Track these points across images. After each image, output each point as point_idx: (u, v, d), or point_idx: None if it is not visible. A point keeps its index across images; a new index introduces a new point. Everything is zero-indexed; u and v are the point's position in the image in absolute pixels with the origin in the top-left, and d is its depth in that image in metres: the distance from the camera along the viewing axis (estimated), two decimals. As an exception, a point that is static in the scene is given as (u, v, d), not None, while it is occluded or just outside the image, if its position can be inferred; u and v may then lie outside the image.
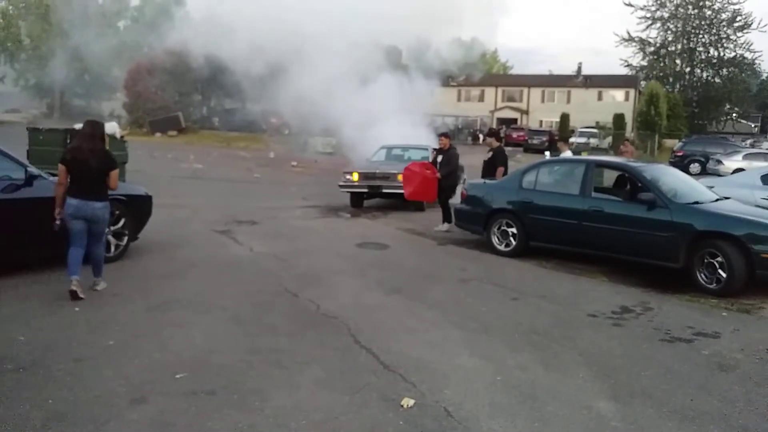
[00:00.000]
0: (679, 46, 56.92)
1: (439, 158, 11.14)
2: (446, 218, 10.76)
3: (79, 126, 7.39)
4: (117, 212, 7.17)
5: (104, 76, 46.18)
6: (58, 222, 5.87)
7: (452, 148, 11.36)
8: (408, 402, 3.85)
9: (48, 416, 3.51)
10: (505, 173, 10.37)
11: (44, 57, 47.42)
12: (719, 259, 6.87)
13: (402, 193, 13.25)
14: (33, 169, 6.62)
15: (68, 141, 12.69)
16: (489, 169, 10.73)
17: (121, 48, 41.31)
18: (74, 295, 5.67)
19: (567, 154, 11.84)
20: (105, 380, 4.04)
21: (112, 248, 7.19)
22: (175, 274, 6.86)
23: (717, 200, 8.01)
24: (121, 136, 16.95)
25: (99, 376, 4.10)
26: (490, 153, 10.94)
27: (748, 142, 40.48)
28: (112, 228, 7.15)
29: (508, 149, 42.13)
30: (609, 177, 9.42)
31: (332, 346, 4.85)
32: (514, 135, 45.07)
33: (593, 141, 40.28)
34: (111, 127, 18.00)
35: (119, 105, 45.29)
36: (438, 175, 10.84)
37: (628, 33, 58.55)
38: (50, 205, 6.50)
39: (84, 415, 3.54)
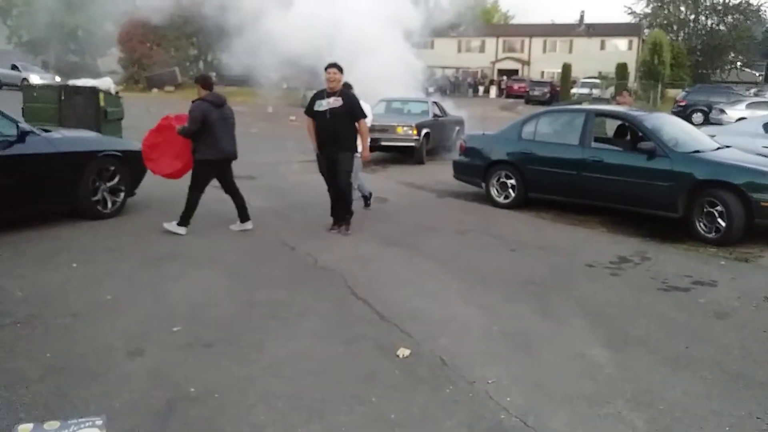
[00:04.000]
0: (684, -8, 55.65)
1: (329, 102, 6.71)
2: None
3: (73, 82, 7.26)
4: (113, 168, 7.12)
5: (97, 32, 45.42)
6: None
7: (348, 88, 7.14)
8: (403, 351, 3.87)
9: (45, 369, 3.53)
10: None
11: (36, 12, 46.53)
12: (718, 208, 6.84)
13: (402, 146, 13.18)
14: (25, 125, 6.53)
15: (62, 98, 12.55)
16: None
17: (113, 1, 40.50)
18: None
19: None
20: (102, 334, 4.06)
21: (109, 204, 7.16)
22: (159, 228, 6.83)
23: (717, 149, 7.93)
24: (116, 92, 16.77)
25: (96, 330, 4.11)
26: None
27: (752, 91, 39.91)
28: (108, 184, 7.11)
29: (509, 101, 41.92)
30: (609, 127, 9.30)
31: (329, 298, 4.86)
32: (516, 86, 44.61)
33: (595, 91, 39.80)
34: (105, 83, 17.80)
35: (114, 61, 44.66)
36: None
37: (633, -21, 57.28)
38: (43, 160, 6.48)
39: (81, 368, 3.57)
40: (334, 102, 6.75)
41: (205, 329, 4.19)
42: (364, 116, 6.97)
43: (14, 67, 34.39)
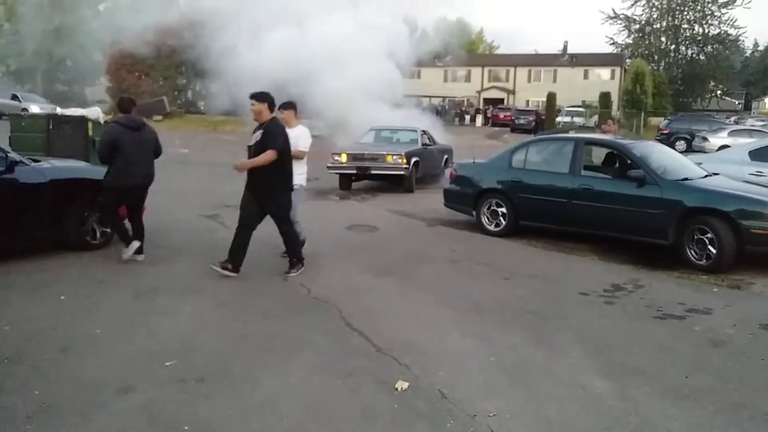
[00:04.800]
0: (664, 23, 56.80)
1: (254, 137, 6.22)
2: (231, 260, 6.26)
3: (61, 111, 7.23)
4: (101, 198, 7.05)
5: (86, 61, 45.46)
6: None
7: (275, 120, 6.31)
8: (402, 385, 3.81)
9: (34, 407, 3.43)
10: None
11: (24, 41, 46.56)
12: (709, 235, 6.87)
13: (392, 174, 13.20)
14: (14, 155, 6.46)
15: (50, 127, 12.49)
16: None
17: (102, 32, 40.63)
18: None
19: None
20: (92, 369, 3.95)
21: (98, 234, 7.07)
22: (162, 260, 6.75)
23: (706, 176, 8.01)
24: (105, 121, 16.71)
25: (86, 366, 4.01)
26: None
27: (733, 119, 40.64)
28: (97, 214, 7.03)
29: (494, 129, 42.14)
30: (598, 155, 9.38)
31: (323, 330, 4.79)
32: (501, 115, 44.99)
33: (579, 120, 40.31)
34: (94, 112, 17.76)
35: (103, 90, 44.62)
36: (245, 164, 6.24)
37: (614, 10, 58.44)
38: (31, 191, 6.40)
39: (71, 406, 3.46)
40: (257, 136, 6.11)
41: (197, 363, 4.10)
42: (278, 147, 6.03)
43: (14, 97, 34.27)
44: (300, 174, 6.92)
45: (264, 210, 6.33)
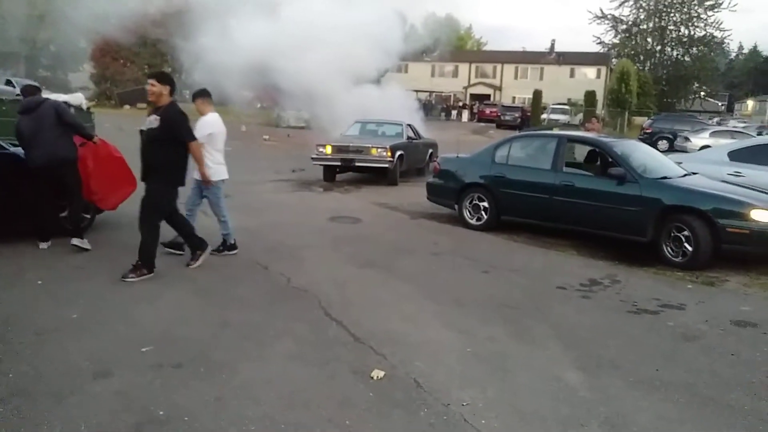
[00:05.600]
0: (651, 24, 57.26)
1: (150, 121, 5.73)
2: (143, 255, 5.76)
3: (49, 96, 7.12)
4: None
5: (70, 47, 44.89)
6: None
7: (173, 105, 5.79)
8: (378, 374, 3.84)
9: (9, 391, 3.42)
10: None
11: (8, 26, 45.84)
12: (686, 233, 6.97)
13: (376, 167, 13.21)
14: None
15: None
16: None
17: (86, 19, 40.12)
18: None
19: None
20: (68, 354, 3.94)
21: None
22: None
23: (685, 175, 8.11)
24: (88, 108, 16.52)
25: (62, 350, 4.00)
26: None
27: (715, 120, 41.15)
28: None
29: (480, 125, 42.10)
30: (580, 152, 9.46)
31: (303, 319, 4.80)
32: (487, 111, 45.20)
33: (564, 117, 40.57)
34: (77, 98, 17.53)
35: (86, 76, 44.12)
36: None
37: (601, 10, 58.91)
38: (10, 175, 6.33)
39: (46, 389, 3.46)
40: (153, 121, 5.67)
41: (175, 350, 4.10)
42: (192, 138, 5.77)
43: (8, 83, 33.82)
44: (219, 164, 6.61)
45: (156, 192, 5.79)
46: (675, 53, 58.12)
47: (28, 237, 6.53)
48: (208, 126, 6.58)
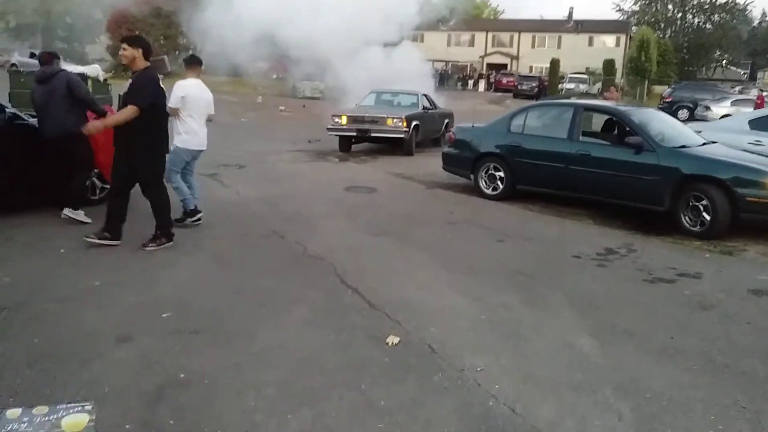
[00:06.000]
0: (672, -9, 56.00)
1: (125, 88, 5.62)
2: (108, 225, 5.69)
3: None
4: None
5: (86, 19, 44.85)
6: None
7: (147, 71, 5.52)
8: (393, 339, 3.89)
9: (34, 355, 3.51)
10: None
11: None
12: (704, 202, 6.91)
13: (392, 137, 13.18)
14: (13, 110, 6.48)
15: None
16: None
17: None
18: None
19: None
20: (90, 320, 4.04)
21: (98, 191, 7.10)
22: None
23: (704, 144, 8.01)
24: (105, 79, 16.61)
25: (84, 316, 4.09)
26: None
27: (737, 88, 40.31)
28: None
29: (497, 95, 41.53)
30: (597, 121, 9.36)
31: (318, 287, 4.86)
32: (504, 80, 44.69)
33: (583, 87, 40.02)
34: (94, 70, 17.62)
35: (103, 48, 44.13)
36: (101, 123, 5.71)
37: (621, -24, 57.52)
38: (29, 146, 6.40)
39: (69, 354, 3.55)
40: (127, 87, 5.48)
41: (194, 316, 4.18)
42: (140, 102, 5.32)
43: (33, 56, 34.02)
44: (188, 133, 6.38)
45: (133, 176, 5.60)
46: (696, 20, 56.84)
47: (49, 206, 6.63)
48: (180, 89, 6.32)
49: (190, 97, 6.33)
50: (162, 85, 5.54)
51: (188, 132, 6.39)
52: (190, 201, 6.53)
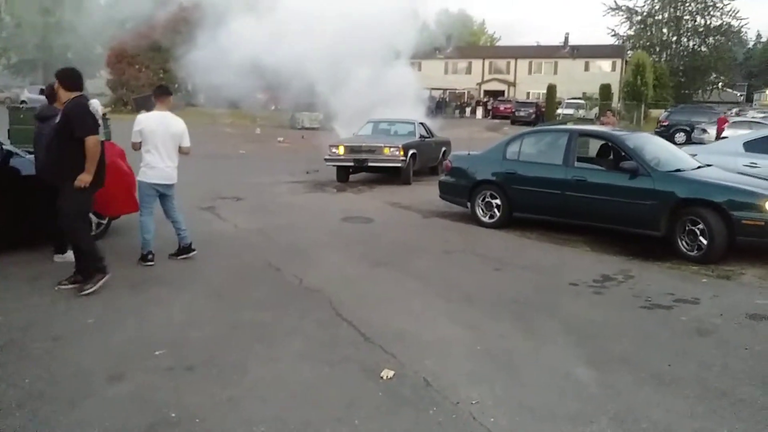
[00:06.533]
0: (666, 15, 56.69)
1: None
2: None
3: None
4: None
5: (87, 53, 45.48)
6: None
7: (81, 99, 5.28)
8: (387, 373, 3.86)
9: (24, 395, 3.49)
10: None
11: (26, 35, 46.59)
12: (700, 226, 6.90)
13: (389, 167, 13.23)
14: (10, 147, 6.52)
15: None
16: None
17: (103, 24, 40.62)
18: None
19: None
20: (83, 358, 4.02)
21: (93, 226, 7.11)
22: (158, 251, 6.77)
23: (699, 167, 8.04)
24: (104, 114, 16.72)
25: (77, 354, 4.07)
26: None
27: (734, 110, 40.56)
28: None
29: (495, 122, 41.89)
30: (593, 147, 9.40)
31: (314, 319, 4.84)
32: (502, 107, 45.01)
33: (580, 112, 40.30)
34: (93, 105, 17.76)
35: (103, 83, 44.63)
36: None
37: (615, 2, 58.35)
38: (26, 183, 6.43)
39: (61, 393, 3.53)
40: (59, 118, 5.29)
41: (187, 352, 4.16)
42: (90, 132, 5.13)
43: (42, 92, 34.41)
44: (146, 167, 6.27)
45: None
46: (691, 43, 57.51)
47: (44, 243, 6.64)
48: (137, 123, 6.27)
49: (147, 130, 6.23)
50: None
51: (146, 165, 6.27)
52: (149, 243, 6.33)
